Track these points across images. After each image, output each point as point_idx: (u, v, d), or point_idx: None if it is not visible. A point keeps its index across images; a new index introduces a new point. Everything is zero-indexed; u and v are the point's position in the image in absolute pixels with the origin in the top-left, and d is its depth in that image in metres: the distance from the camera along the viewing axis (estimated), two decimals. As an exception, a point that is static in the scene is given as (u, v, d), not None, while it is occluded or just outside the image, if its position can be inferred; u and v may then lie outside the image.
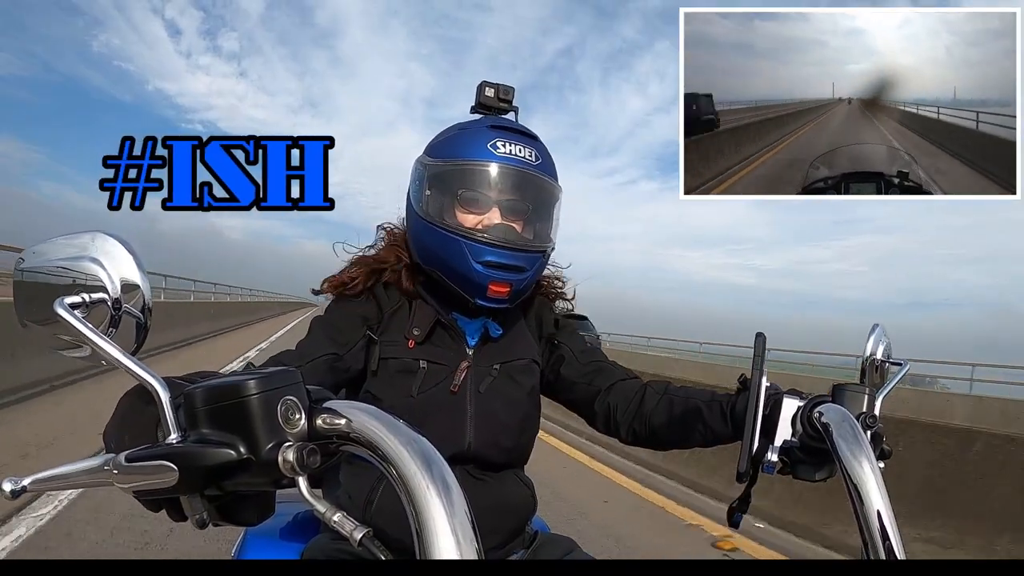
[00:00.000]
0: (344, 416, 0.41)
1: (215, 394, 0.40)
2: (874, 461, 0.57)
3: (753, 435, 0.72)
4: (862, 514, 0.54)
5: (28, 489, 0.41)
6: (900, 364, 0.87)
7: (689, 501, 3.92)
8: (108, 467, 0.41)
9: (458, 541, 0.35)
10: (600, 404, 1.02)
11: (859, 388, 0.75)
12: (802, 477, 0.74)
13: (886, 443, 0.74)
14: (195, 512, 0.41)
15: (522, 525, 1.00)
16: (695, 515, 3.64)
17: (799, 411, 0.75)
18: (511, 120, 1.01)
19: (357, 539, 0.39)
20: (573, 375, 1.05)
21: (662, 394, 0.97)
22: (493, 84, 1.02)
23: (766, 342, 0.73)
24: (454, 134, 0.97)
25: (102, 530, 2.63)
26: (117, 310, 0.48)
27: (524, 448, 1.03)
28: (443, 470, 0.38)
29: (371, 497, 0.91)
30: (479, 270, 0.90)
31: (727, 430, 0.87)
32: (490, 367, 0.98)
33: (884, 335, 0.90)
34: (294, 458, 0.39)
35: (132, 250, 0.49)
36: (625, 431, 0.99)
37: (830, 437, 0.62)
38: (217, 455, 0.39)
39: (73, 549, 2.43)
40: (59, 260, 0.50)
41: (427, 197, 0.95)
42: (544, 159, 0.95)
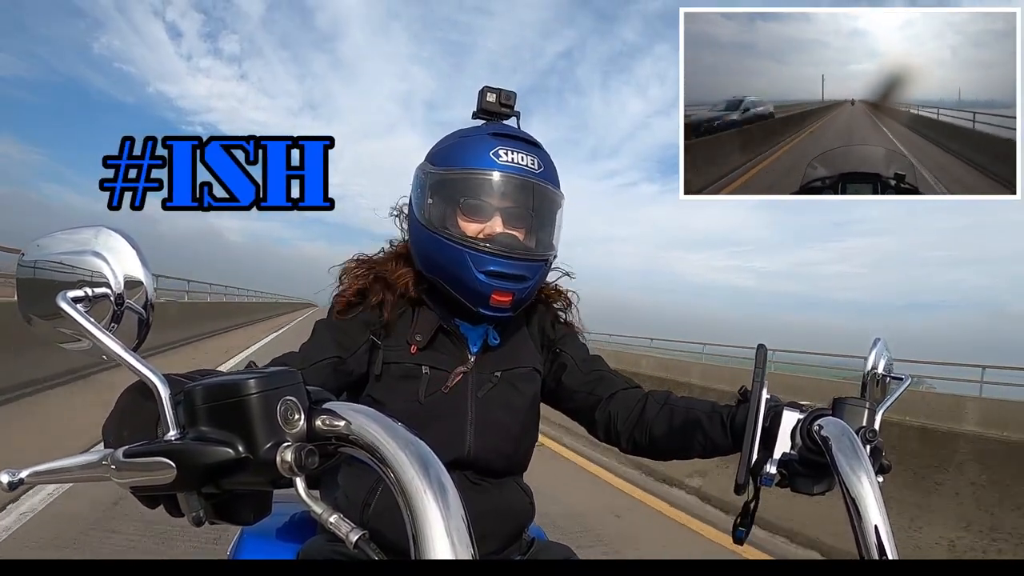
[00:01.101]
0: (343, 418, 0.41)
1: (215, 392, 0.40)
2: (873, 476, 0.57)
3: (752, 447, 0.72)
4: (860, 528, 0.54)
5: (26, 482, 0.41)
6: (901, 379, 0.87)
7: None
8: (106, 462, 0.41)
9: (453, 543, 0.35)
10: (601, 413, 1.02)
11: (859, 402, 0.75)
12: (800, 490, 0.74)
13: (885, 458, 0.73)
14: (192, 510, 0.41)
15: (519, 531, 1.01)
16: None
17: (799, 424, 0.75)
18: (513, 127, 1.01)
19: (353, 541, 0.39)
20: (574, 384, 1.05)
21: (663, 404, 0.97)
22: (495, 89, 1.02)
23: (767, 354, 0.73)
24: (455, 141, 0.97)
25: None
26: (119, 305, 0.48)
27: (524, 455, 1.03)
28: (440, 474, 0.38)
29: (368, 500, 0.91)
30: (482, 279, 0.90)
31: (727, 441, 0.87)
32: (491, 374, 0.98)
33: (886, 349, 0.89)
34: (292, 458, 0.39)
35: (135, 245, 0.49)
36: (625, 440, 0.99)
37: (829, 451, 0.62)
38: (215, 453, 0.39)
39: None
40: (62, 254, 0.49)
41: (429, 205, 0.95)
42: (546, 167, 0.95)
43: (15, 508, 2.78)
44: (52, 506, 2.83)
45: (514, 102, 1.02)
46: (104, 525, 2.66)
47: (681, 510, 3.86)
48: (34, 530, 2.60)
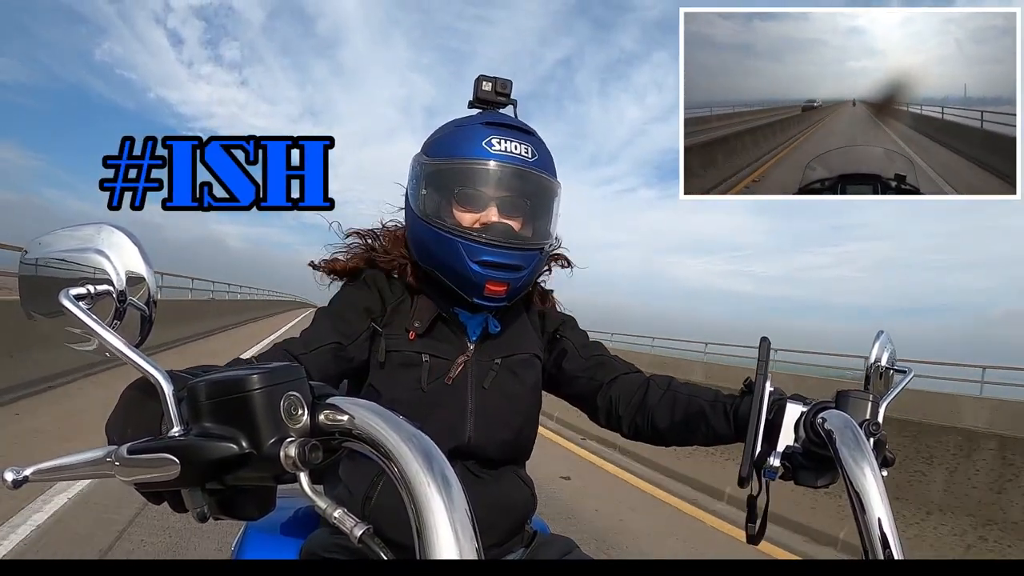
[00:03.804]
0: (347, 412, 0.41)
1: (218, 388, 0.40)
2: (876, 468, 0.57)
3: (756, 439, 0.72)
4: (863, 521, 0.54)
5: (30, 479, 0.42)
6: (904, 371, 0.86)
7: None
8: (110, 459, 0.41)
9: (458, 539, 0.35)
10: (602, 398, 1.02)
11: (863, 395, 0.75)
12: (804, 483, 0.74)
13: (889, 451, 0.73)
14: (196, 505, 0.41)
15: (521, 524, 1.01)
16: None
17: (802, 416, 0.74)
18: (507, 116, 1.01)
19: (357, 536, 0.39)
20: (575, 369, 1.04)
21: (665, 389, 0.97)
22: (490, 78, 1.01)
23: (771, 346, 0.73)
24: (450, 131, 0.97)
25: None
26: (122, 302, 0.48)
27: (524, 444, 1.03)
28: (444, 468, 0.38)
29: (370, 493, 0.92)
30: (476, 269, 0.90)
31: (729, 431, 0.87)
32: (491, 361, 0.98)
33: (889, 341, 0.89)
34: (296, 454, 0.39)
35: (138, 242, 0.48)
36: (627, 426, 0.99)
37: (833, 443, 0.62)
38: (219, 449, 0.39)
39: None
40: (64, 251, 0.49)
41: (423, 196, 0.95)
42: (541, 155, 0.95)
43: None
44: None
45: (510, 90, 1.02)
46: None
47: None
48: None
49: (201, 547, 2.51)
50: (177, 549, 2.50)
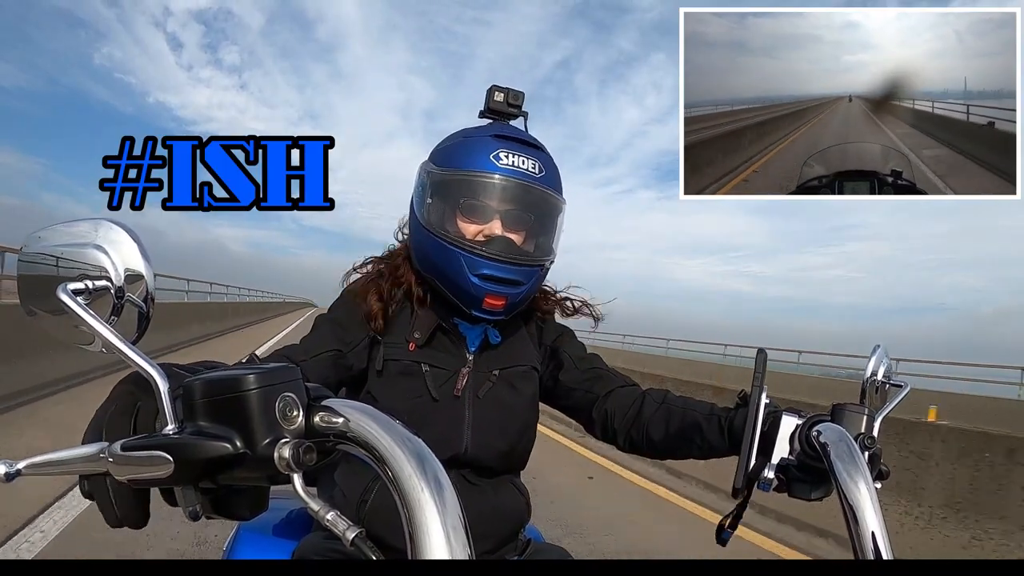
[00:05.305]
0: (341, 415, 0.41)
1: (214, 387, 0.40)
2: (871, 482, 0.57)
3: (751, 451, 0.72)
4: (857, 534, 0.54)
5: (23, 473, 0.41)
6: (901, 386, 0.86)
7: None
8: (104, 455, 0.40)
9: (450, 542, 0.35)
10: (598, 411, 1.02)
11: (858, 408, 0.75)
12: (798, 495, 0.74)
13: (883, 464, 0.73)
14: (188, 504, 0.41)
15: (515, 532, 1.00)
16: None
17: (797, 429, 0.74)
18: (517, 129, 1.01)
19: (349, 539, 0.39)
20: (571, 381, 1.04)
21: (660, 403, 0.97)
22: (503, 88, 1.01)
23: (767, 359, 0.73)
24: (459, 141, 0.97)
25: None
26: (120, 298, 0.47)
27: (521, 454, 1.03)
28: (437, 472, 0.38)
29: (365, 497, 0.91)
30: (475, 282, 0.90)
31: (724, 444, 0.87)
32: (489, 373, 0.98)
33: (886, 356, 0.89)
34: (290, 455, 0.39)
35: (136, 238, 0.48)
36: (622, 439, 0.99)
37: (827, 456, 0.62)
38: (213, 448, 0.39)
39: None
40: (62, 247, 0.49)
41: (428, 205, 0.95)
42: (548, 171, 0.95)
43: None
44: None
45: (522, 102, 1.02)
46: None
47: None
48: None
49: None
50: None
